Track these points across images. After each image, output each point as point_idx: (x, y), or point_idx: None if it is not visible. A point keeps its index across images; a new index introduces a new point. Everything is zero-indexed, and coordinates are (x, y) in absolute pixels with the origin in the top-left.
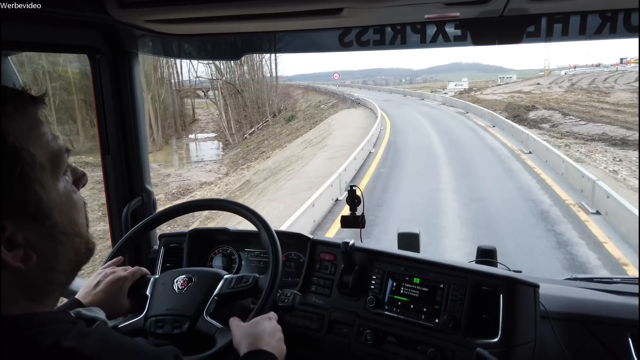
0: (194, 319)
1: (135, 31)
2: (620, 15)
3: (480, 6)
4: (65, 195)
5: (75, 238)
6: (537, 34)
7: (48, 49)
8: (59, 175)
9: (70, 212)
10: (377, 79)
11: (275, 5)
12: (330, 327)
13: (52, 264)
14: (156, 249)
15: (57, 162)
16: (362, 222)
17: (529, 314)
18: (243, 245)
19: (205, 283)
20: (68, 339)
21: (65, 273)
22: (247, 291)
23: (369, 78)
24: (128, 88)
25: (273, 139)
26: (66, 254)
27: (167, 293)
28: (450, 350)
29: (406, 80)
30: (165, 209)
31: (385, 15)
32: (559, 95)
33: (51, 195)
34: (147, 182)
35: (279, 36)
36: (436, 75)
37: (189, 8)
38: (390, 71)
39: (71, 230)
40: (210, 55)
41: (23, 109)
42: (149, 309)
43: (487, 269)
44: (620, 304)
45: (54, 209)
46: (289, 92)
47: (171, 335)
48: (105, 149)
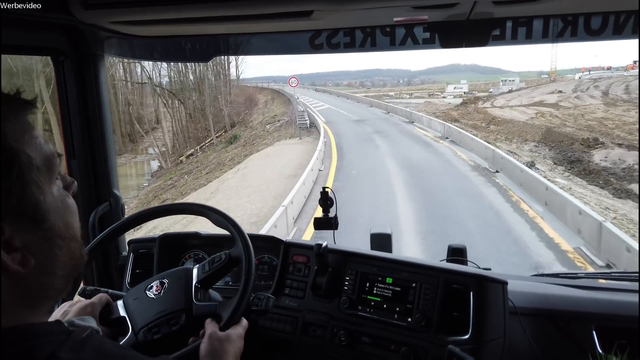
0: (188, 310)
1: (100, 32)
2: (580, 19)
3: (448, 10)
4: (60, 199)
5: (71, 242)
6: (503, 37)
7: (9, 50)
8: (53, 178)
9: (66, 215)
10: (375, 80)
11: (244, 8)
12: (305, 330)
13: (50, 267)
14: (125, 255)
15: (51, 165)
16: (335, 224)
17: (498, 310)
18: (215, 250)
19: (179, 280)
20: (64, 350)
21: (62, 277)
22: (225, 267)
23: (367, 79)
24: (94, 91)
25: (198, 172)
26: (63, 258)
27: (145, 304)
28: (422, 349)
29: (404, 82)
30: (136, 214)
31: (355, 18)
32: (603, 111)
33: (47, 198)
34: (114, 187)
35: (249, 38)
36: (434, 77)
37: (156, 9)
38: (389, 72)
39: (67, 234)
40: (178, 57)
41: (17, 112)
42: (133, 325)
43: (457, 268)
44: (585, 298)
45: (51, 211)
46: (254, 99)
47: (171, 333)
48: (70, 154)
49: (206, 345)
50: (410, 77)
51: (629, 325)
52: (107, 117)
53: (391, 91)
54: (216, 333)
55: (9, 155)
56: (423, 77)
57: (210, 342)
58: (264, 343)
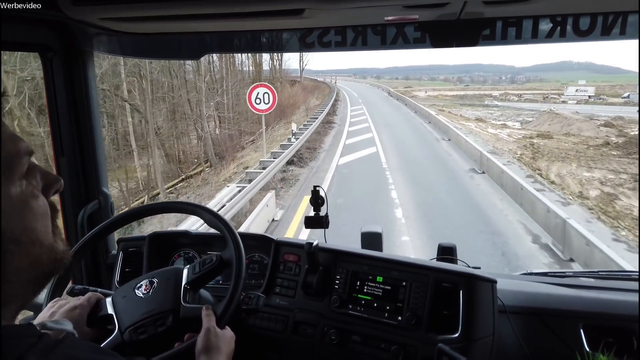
0: (175, 311)
1: (89, 29)
2: (569, 20)
3: (438, 9)
4: (19, 200)
5: (31, 247)
6: (493, 37)
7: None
8: (12, 178)
9: (25, 218)
10: (474, 76)
11: (235, 5)
12: (295, 328)
13: (2, 274)
14: (114, 253)
15: (11, 164)
16: (326, 223)
17: (487, 308)
18: (205, 248)
19: (168, 280)
20: (33, 353)
21: (21, 284)
22: (215, 269)
23: (466, 74)
24: (83, 87)
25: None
26: (19, 264)
27: (133, 303)
28: (413, 347)
29: (507, 79)
30: (125, 212)
31: (346, 16)
32: None
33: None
34: (103, 185)
35: (240, 36)
36: (542, 75)
37: (145, 6)
38: (490, 67)
39: (25, 239)
40: (168, 55)
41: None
42: (119, 324)
43: (447, 266)
44: (573, 297)
45: (2, 214)
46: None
47: (157, 334)
48: (59, 151)
49: (203, 339)
50: (514, 73)
51: (615, 324)
52: (97, 114)
53: (494, 89)
54: (215, 328)
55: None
56: (528, 74)
57: (207, 336)
58: (254, 342)
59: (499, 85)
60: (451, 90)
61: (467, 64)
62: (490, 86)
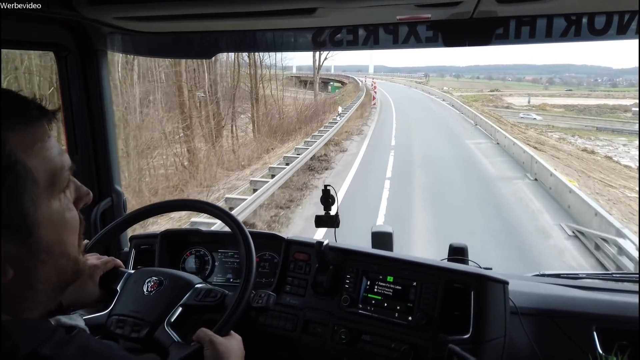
0: (153, 326)
1: (104, 28)
2: (584, 19)
3: (451, 8)
4: (58, 213)
5: (61, 258)
6: (506, 36)
7: (11, 46)
8: (55, 192)
9: (60, 231)
10: (565, 77)
11: (248, 5)
12: (305, 327)
13: (31, 281)
14: (127, 251)
15: (55, 179)
16: (337, 222)
17: (498, 310)
18: (216, 247)
19: (174, 289)
20: (47, 347)
21: (45, 293)
22: (212, 307)
23: (556, 74)
24: (97, 86)
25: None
26: (47, 274)
27: (134, 294)
28: (423, 347)
29: (603, 81)
30: (138, 210)
31: (358, 15)
32: None
33: (40, 212)
34: (117, 183)
35: (252, 35)
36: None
37: (160, 6)
38: (584, 68)
39: (57, 250)
40: (181, 54)
41: (29, 121)
42: (115, 305)
43: (458, 267)
44: (586, 299)
45: (41, 226)
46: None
47: (129, 338)
48: (73, 149)
49: (210, 351)
50: (611, 75)
51: (629, 327)
52: (110, 113)
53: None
54: (217, 337)
55: (5, 164)
56: (629, 76)
57: (213, 347)
58: (264, 340)
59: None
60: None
61: (557, 64)
62: (588, 90)
